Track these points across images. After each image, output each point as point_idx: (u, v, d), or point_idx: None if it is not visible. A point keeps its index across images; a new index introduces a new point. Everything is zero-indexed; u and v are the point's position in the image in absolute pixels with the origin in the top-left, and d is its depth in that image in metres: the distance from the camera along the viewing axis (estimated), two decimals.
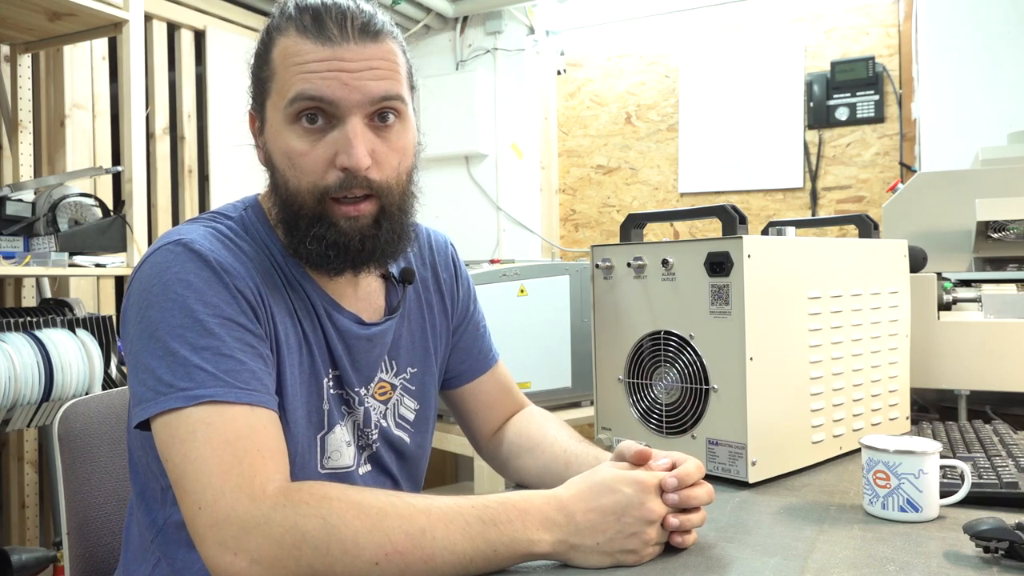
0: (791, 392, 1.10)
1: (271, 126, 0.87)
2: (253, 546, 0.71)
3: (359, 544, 0.71)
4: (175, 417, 0.76)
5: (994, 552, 0.76)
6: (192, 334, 0.78)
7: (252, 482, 0.73)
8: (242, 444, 0.75)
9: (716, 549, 0.82)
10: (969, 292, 1.52)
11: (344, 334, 0.94)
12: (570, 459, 0.99)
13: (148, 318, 0.80)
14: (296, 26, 0.85)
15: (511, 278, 2.18)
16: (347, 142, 0.83)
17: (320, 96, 0.83)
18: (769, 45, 3.21)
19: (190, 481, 0.74)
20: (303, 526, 0.71)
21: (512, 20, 3.50)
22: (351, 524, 0.71)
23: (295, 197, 0.86)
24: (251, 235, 0.91)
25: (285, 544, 0.70)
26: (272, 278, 0.89)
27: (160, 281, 0.81)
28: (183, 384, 0.77)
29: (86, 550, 1.09)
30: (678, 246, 1.10)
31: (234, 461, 0.74)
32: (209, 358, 0.78)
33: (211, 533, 0.72)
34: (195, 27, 2.84)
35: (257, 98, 0.90)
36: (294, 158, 0.85)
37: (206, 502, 0.73)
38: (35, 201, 2.05)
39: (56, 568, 2.10)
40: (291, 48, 0.84)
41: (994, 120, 2.60)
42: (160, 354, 0.78)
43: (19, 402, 1.83)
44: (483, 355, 1.13)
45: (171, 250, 0.83)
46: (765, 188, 3.23)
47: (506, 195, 3.51)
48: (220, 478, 0.73)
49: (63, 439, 1.10)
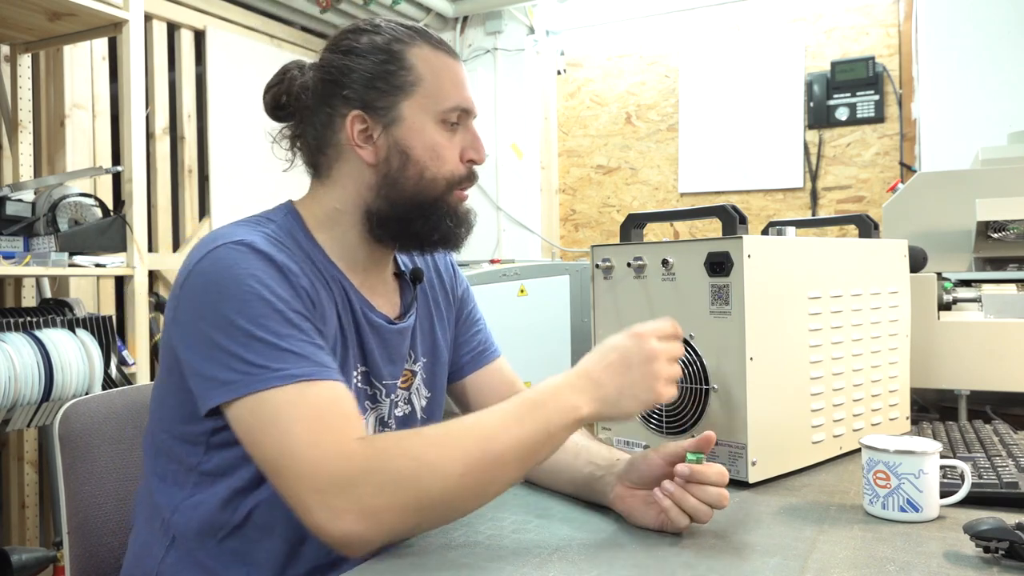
0: (791, 392, 1.10)
1: (410, 123, 0.98)
2: (357, 499, 0.77)
3: (444, 466, 0.79)
4: (264, 398, 0.82)
5: (994, 552, 0.76)
6: (274, 323, 0.85)
7: (341, 442, 0.80)
8: (326, 415, 0.82)
9: (716, 549, 0.82)
10: (969, 292, 1.52)
11: (379, 330, 1.02)
12: (579, 449, 1.04)
13: (224, 310, 0.85)
14: (427, 41, 1.01)
15: (511, 278, 2.18)
16: (477, 141, 1.02)
17: (470, 108, 1.02)
18: (769, 45, 3.21)
19: (284, 456, 0.80)
20: (395, 467, 0.79)
21: (512, 20, 3.50)
22: (431, 452, 0.80)
23: (432, 185, 0.98)
24: (294, 240, 0.97)
25: (386, 488, 0.78)
26: (317, 279, 0.96)
27: (232, 275, 0.86)
28: (276, 365, 0.82)
29: (86, 550, 1.09)
30: (678, 246, 1.10)
31: (325, 429, 0.80)
32: (295, 343, 0.85)
33: (318, 501, 0.78)
34: (195, 27, 2.84)
35: (381, 100, 0.97)
36: (440, 151, 0.98)
37: (306, 471, 0.79)
38: (35, 201, 2.05)
39: (56, 568, 2.10)
40: (436, 60, 1.00)
41: (994, 120, 2.60)
42: (245, 341, 0.83)
43: (19, 402, 1.83)
44: (484, 347, 1.19)
45: (236, 249, 0.88)
46: (765, 188, 3.23)
47: (506, 195, 3.51)
48: (314, 446, 0.79)
49: (63, 439, 1.10)
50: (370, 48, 0.98)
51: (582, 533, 0.89)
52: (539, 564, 0.79)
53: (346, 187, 1.00)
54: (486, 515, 0.95)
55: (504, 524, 0.92)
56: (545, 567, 0.78)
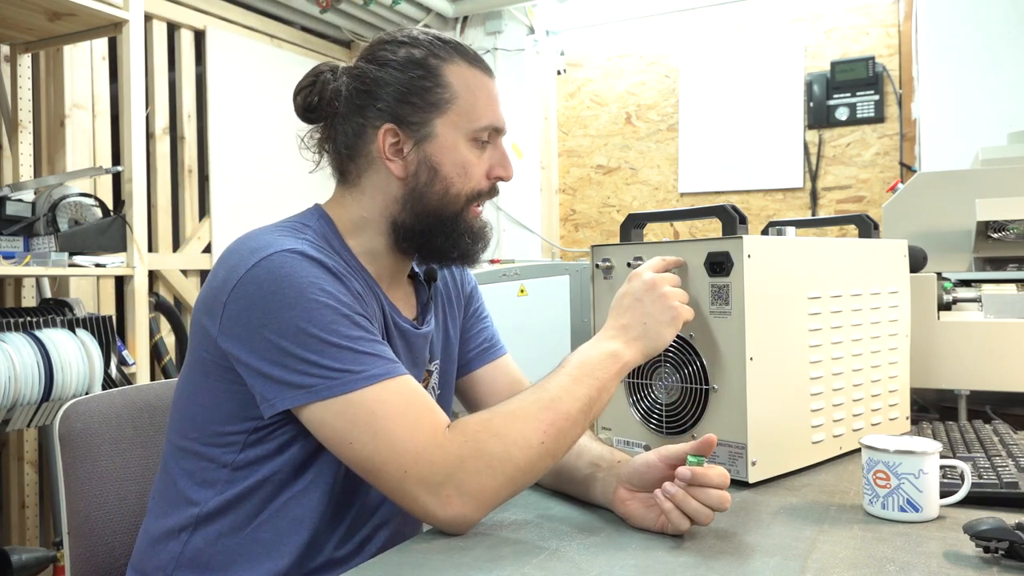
0: (791, 392, 1.10)
1: (442, 140, 0.99)
2: (460, 485, 0.84)
3: (527, 437, 0.86)
4: (351, 400, 0.85)
5: (994, 552, 0.76)
6: (344, 328, 0.88)
7: (435, 434, 0.85)
8: (416, 409, 0.86)
9: (716, 549, 0.82)
10: (969, 292, 1.52)
11: (406, 334, 1.04)
12: (581, 450, 1.04)
13: (291, 318, 0.86)
14: (463, 57, 1.01)
15: (511, 278, 2.18)
16: (507, 159, 1.05)
17: (502, 127, 1.04)
18: (769, 45, 3.21)
19: (384, 454, 0.84)
20: (486, 449, 0.84)
21: (512, 20, 3.50)
22: (513, 427, 0.86)
23: (455, 201, 1.00)
24: (330, 245, 0.98)
25: (483, 470, 0.84)
26: (360, 283, 0.97)
27: (294, 283, 0.88)
28: (357, 368, 0.86)
29: (86, 550, 1.09)
30: (678, 246, 1.10)
31: (416, 422, 0.85)
32: (367, 345, 0.88)
33: (422, 490, 0.83)
34: (195, 27, 2.84)
35: (414, 115, 0.98)
36: (469, 168, 1.00)
37: (408, 465, 0.83)
38: (35, 201, 2.05)
39: (56, 568, 2.10)
40: (472, 78, 1.01)
41: (994, 120, 2.60)
42: (318, 347, 0.86)
43: (19, 402, 1.83)
44: (490, 344, 1.21)
45: (290, 256, 0.89)
46: (765, 188, 3.23)
47: (506, 195, 3.51)
48: (412, 441, 0.84)
49: (63, 439, 1.10)
50: (407, 62, 0.99)
51: (582, 533, 0.89)
52: (539, 564, 0.79)
53: (374, 197, 1.01)
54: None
55: (504, 524, 0.92)
56: (545, 567, 0.78)
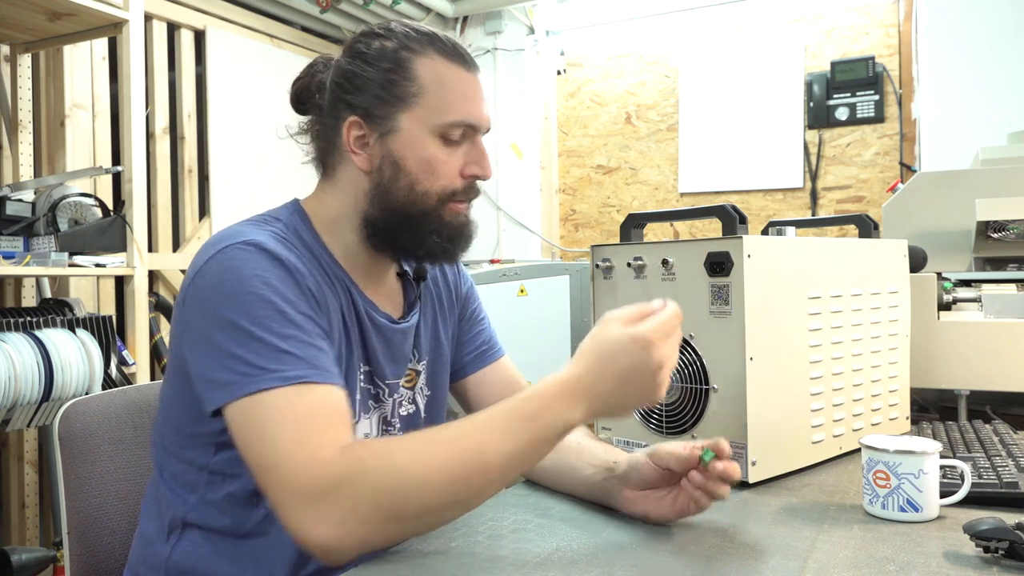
0: (791, 392, 1.10)
1: (407, 135, 0.96)
2: (335, 506, 0.76)
3: (424, 477, 0.77)
4: (258, 399, 0.81)
5: (994, 552, 0.76)
6: (276, 324, 0.84)
7: (323, 450, 0.79)
8: (316, 420, 0.81)
9: (716, 549, 0.82)
10: (969, 292, 1.52)
11: (383, 330, 1.02)
12: (582, 448, 1.04)
13: (227, 310, 0.85)
14: (438, 50, 0.97)
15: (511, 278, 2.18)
16: (483, 157, 0.99)
17: (478, 124, 0.98)
18: (769, 45, 3.21)
19: (268, 458, 0.79)
20: (374, 477, 0.77)
21: (512, 20, 3.50)
22: (413, 462, 0.78)
23: (423, 198, 0.97)
24: (301, 239, 0.97)
25: (362, 496, 0.76)
26: (323, 278, 0.96)
27: (238, 276, 0.86)
28: (274, 366, 0.82)
29: (86, 550, 1.09)
30: (678, 246, 1.10)
31: (308, 435, 0.79)
32: (295, 345, 0.84)
33: (296, 504, 0.77)
34: (195, 27, 2.84)
35: (379, 108, 0.96)
36: (435, 165, 0.96)
37: (286, 475, 0.78)
38: (35, 201, 2.05)
39: (56, 568, 2.10)
40: (445, 72, 0.97)
41: (994, 120, 2.60)
42: (245, 342, 0.83)
43: (19, 402, 1.83)
44: (488, 346, 1.19)
45: (244, 249, 0.88)
46: (765, 188, 3.23)
47: (506, 195, 3.51)
48: (298, 450, 0.78)
49: (63, 439, 1.10)
50: (379, 54, 0.97)
51: (582, 533, 0.89)
52: (539, 564, 0.79)
53: (347, 192, 1.00)
54: (486, 515, 0.95)
55: (504, 524, 0.92)
56: (545, 567, 0.78)
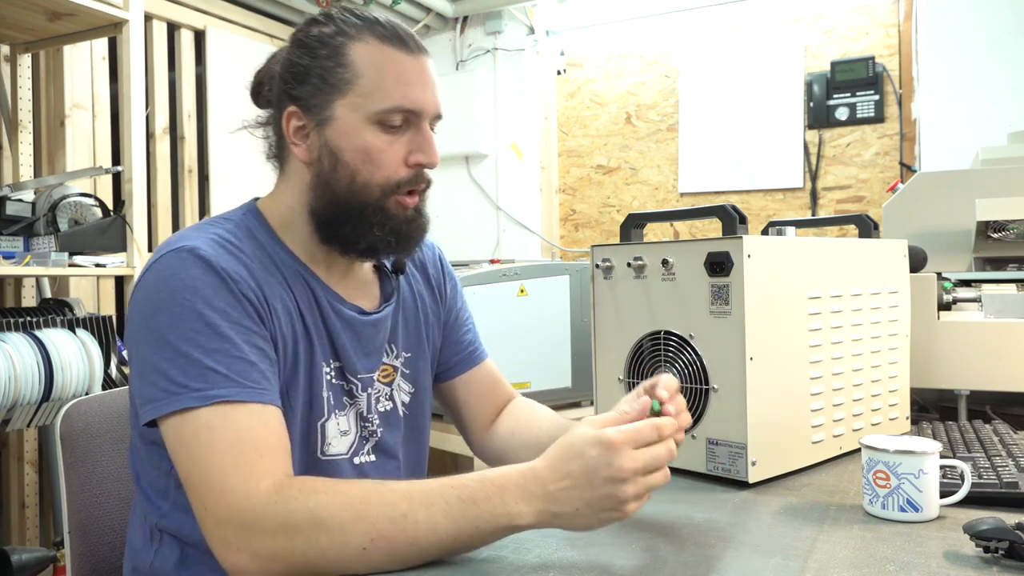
0: (791, 392, 1.10)
1: (342, 124, 0.92)
2: (252, 541, 0.76)
3: (345, 532, 0.75)
4: (185, 418, 0.80)
5: (994, 552, 0.76)
6: (203, 337, 0.82)
7: (248, 481, 0.78)
8: (242, 445, 0.79)
9: (716, 549, 0.82)
10: (969, 292, 1.52)
11: (350, 323, 0.99)
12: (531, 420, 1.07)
13: (157, 322, 0.83)
14: (376, 34, 0.93)
15: (511, 278, 2.18)
16: (427, 144, 0.94)
17: (419, 109, 0.93)
18: (769, 45, 3.21)
19: (195, 482, 0.80)
20: (293, 519, 0.75)
21: (512, 20, 3.50)
22: (336, 514, 0.75)
23: (363, 190, 0.93)
24: (253, 238, 0.95)
25: (278, 537, 0.75)
26: (272, 277, 0.93)
27: (167, 287, 0.84)
28: (197, 385, 0.80)
29: (87, 550, 1.09)
30: (678, 246, 1.10)
31: (233, 463, 0.78)
32: (221, 360, 0.82)
33: (217, 532, 0.78)
34: (195, 27, 2.84)
35: (315, 97, 0.93)
36: (373, 155, 0.92)
37: (210, 503, 0.78)
38: (35, 201, 2.05)
39: (56, 568, 2.10)
40: (381, 56, 0.92)
41: (994, 120, 2.60)
42: (170, 356, 0.82)
43: (19, 402, 1.83)
44: (474, 348, 1.19)
45: (177, 256, 0.86)
46: (765, 188, 3.23)
47: (506, 195, 3.51)
48: (221, 479, 0.78)
49: (64, 439, 1.10)
50: (316, 42, 0.94)
51: (582, 535, 0.89)
52: (539, 565, 0.79)
53: (296, 185, 0.97)
54: None
55: None
56: (545, 567, 0.78)
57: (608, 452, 0.73)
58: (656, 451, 0.75)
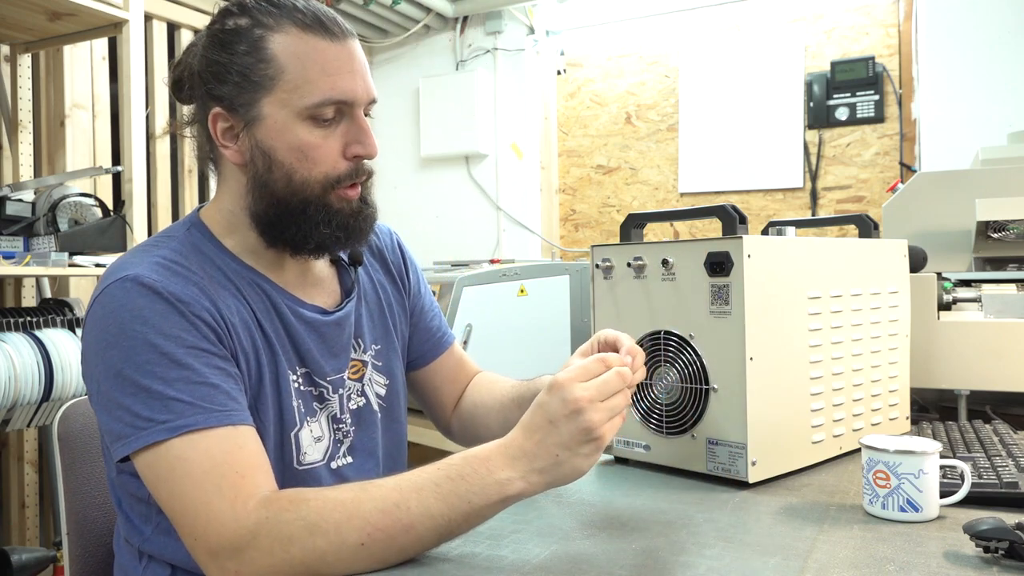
0: (791, 392, 1.10)
1: (271, 122, 0.88)
2: (250, 563, 0.75)
3: (341, 532, 0.74)
4: (156, 452, 0.79)
5: (994, 552, 0.76)
6: (161, 368, 0.80)
7: (235, 505, 0.76)
8: (221, 471, 0.78)
9: (716, 549, 0.82)
10: (969, 292, 1.52)
11: (313, 325, 0.96)
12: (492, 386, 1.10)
13: (110, 358, 0.81)
14: (296, 22, 0.87)
15: (511, 278, 2.18)
16: (363, 134, 0.90)
17: (351, 99, 0.88)
18: (769, 45, 3.21)
19: (179, 515, 0.78)
20: (287, 532, 0.75)
21: (512, 20, 3.50)
22: (329, 516, 0.75)
23: (303, 188, 0.89)
24: (199, 252, 0.91)
25: (275, 552, 0.75)
26: (225, 291, 0.90)
27: (116, 320, 0.81)
28: (162, 417, 0.78)
29: (86, 550, 1.09)
30: (678, 246, 1.10)
31: (215, 490, 0.77)
32: (183, 388, 0.80)
33: (213, 562, 0.76)
34: (195, 27, 2.84)
35: (240, 96, 0.88)
36: (308, 152, 0.88)
37: (199, 532, 0.77)
38: (35, 201, 2.05)
39: (56, 568, 2.10)
40: (303, 46, 0.87)
41: (994, 120, 2.60)
42: (131, 391, 0.79)
43: (19, 402, 1.83)
44: (442, 333, 1.19)
45: (121, 287, 0.83)
46: (765, 188, 3.23)
47: (506, 195, 3.51)
48: (206, 508, 0.77)
49: (63, 439, 1.10)
50: (233, 36, 0.88)
51: (582, 535, 0.89)
52: (539, 565, 0.79)
53: (233, 189, 0.93)
54: None
55: (504, 524, 0.92)
56: (545, 567, 0.78)
57: (560, 391, 0.77)
58: (606, 377, 0.78)
